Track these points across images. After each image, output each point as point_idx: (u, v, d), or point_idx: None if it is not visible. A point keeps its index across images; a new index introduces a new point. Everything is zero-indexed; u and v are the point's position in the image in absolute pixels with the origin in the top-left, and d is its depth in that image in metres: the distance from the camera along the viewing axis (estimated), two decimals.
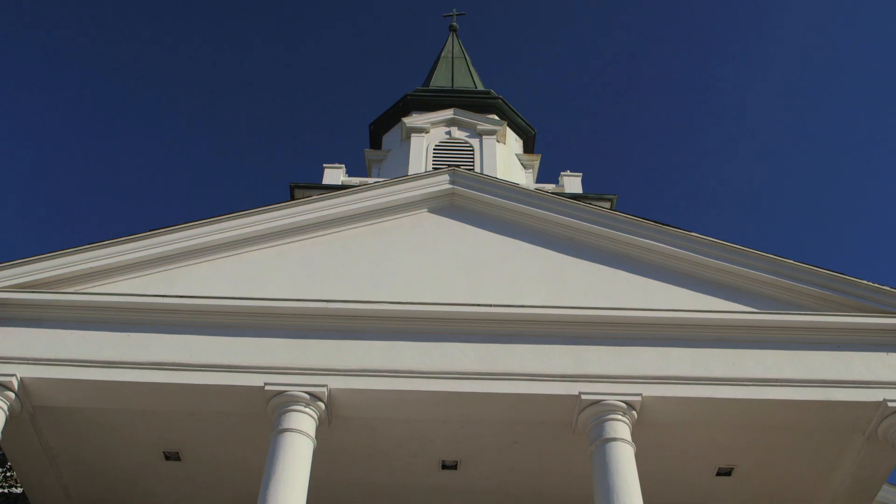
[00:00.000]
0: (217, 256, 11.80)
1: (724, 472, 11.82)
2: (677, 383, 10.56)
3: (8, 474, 13.34)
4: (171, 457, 11.75)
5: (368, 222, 12.41)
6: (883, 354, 10.93)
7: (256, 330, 10.86)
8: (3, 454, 13.15)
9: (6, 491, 13.38)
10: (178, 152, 51.16)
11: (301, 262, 11.82)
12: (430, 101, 21.11)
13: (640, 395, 10.45)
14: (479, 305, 11.00)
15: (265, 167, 52.85)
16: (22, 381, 10.39)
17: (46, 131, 47.07)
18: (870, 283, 11.39)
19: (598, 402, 10.40)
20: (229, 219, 11.92)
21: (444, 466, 11.73)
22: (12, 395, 10.35)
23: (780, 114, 50.97)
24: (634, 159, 52.39)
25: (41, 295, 10.95)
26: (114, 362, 10.51)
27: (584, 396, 10.42)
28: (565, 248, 12.11)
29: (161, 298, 10.97)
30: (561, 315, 11.00)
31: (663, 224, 11.98)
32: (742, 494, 12.21)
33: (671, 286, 11.67)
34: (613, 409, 10.36)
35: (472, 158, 19.39)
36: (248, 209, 12.02)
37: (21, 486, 12.79)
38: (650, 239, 11.93)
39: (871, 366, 10.79)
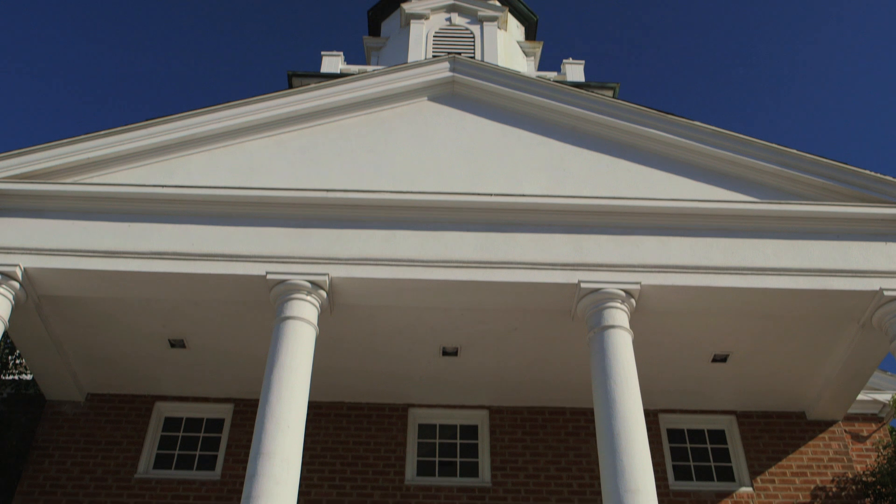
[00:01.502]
0: (215, 146, 11.71)
1: (720, 359, 12.05)
2: (676, 272, 10.64)
3: (17, 361, 13.60)
4: (177, 344, 11.97)
5: (367, 111, 12.26)
6: (881, 244, 10.96)
7: (257, 219, 10.88)
8: (12, 342, 13.36)
9: (16, 377, 13.66)
10: (176, 42, 50.13)
11: (300, 152, 11.74)
12: None
13: (639, 283, 10.54)
14: (479, 194, 10.97)
15: (263, 56, 51.88)
16: (26, 271, 10.48)
17: (42, 19, 46.03)
18: (872, 173, 11.32)
19: (597, 290, 10.50)
20: (227, 108, 11.77)
21: (445, 353, 11.95)
22: (17, 284, 10.46)
23: (786, 2, 49.66)
24: (637, 48, 51.32)
25: (41, 186, 10.92)
26: (115, 252, 10.57)
27: (583, 285, 10.51)
28: (567, 137, 12.00)
29: (160, 189, 10.94)
30: (561, 204, 10.98)
31: (666, 113, 11.83)
32: (736, 380, 12.49)
33: (672, 175, 11.62)
34: (612, 297, 10.48)
35: (473, 46, 19.04)
36: (246, 98, 11.86)
37: (31, 373, 13.06)
38: (652, 128, 11.81)
39: (870, 255, 10.85)
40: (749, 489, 12.26)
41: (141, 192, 10.91)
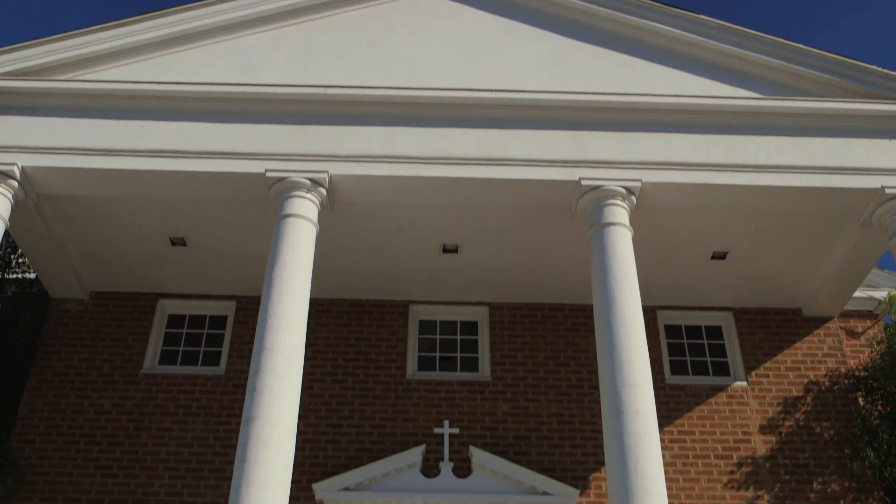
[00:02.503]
0: (211, 41, 11.48)
1: (719, 256, 12.11)
2: (677, 169, 10.59)
3: (20, 260, 13.68)
4: (178, 242, 12.02)
5: (365, 4, 11.96)
6: (885, 141, 10.88)
7: (255, 116, 10.77)
8: (14, 241, 13.41)
9: (20, 276, 13.76)
10: None
11: (297, 47, 11.52)
12: None
13: (640, 180, 10.50)
14: (478, 90, 10.82)
15: None
16: (23, 170, 10.44)
17: None
18: (878, 69, 11.14)
19: (597, 187, 10.48)
20: (223, 1, 11.49)
21: (445, 250, 12.01)
22: (15, 183, 10.43)
23: None
24: None
25: (35, 83, 10.76)
26: (112, 150, 10.50)
27: (583, 182, 10.48)
28: (568, 31, 11.75)
29: (156, 85, 10.78)
30: (562, 100, 10.84)
31: (670, 6, 11.55)
32: (735, 277, 12.59)
33: (675, 71, 11.43)
34: (613, 194, 10.46)
35: None
36: None
37: (34, 272, 13.16)
38: (656, 21, 11.55)
39: (873, 153, 10.78)
40: (744, 383, 12.51)
41: (136, 89, 10.76)
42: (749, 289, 12.88)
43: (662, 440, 11.92)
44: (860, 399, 12.62)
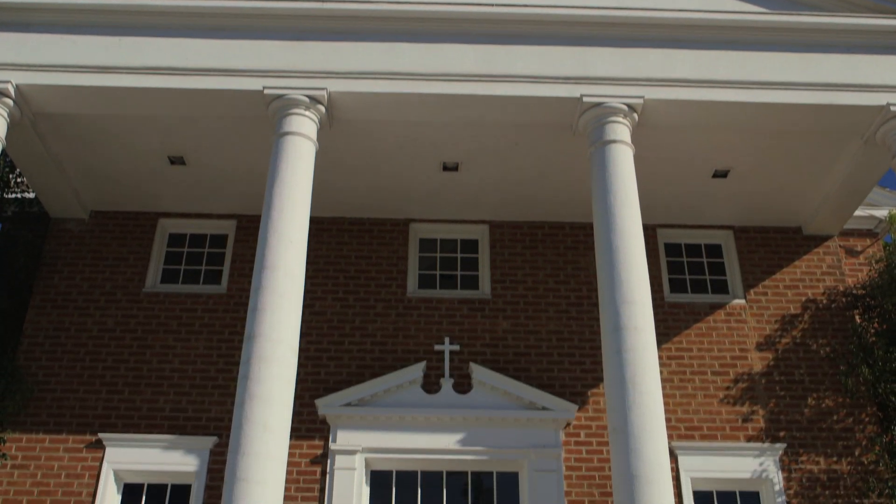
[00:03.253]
0: None
1: (720, 174, 12.06)
2: (680, 86, 10.46)
3: (19, 180, 13.62)
4: (176, 161, 11.95)
5: None
6: (892, 58, 10.74)
7: (252, 32, 10.59)
8: (12, 161, 13.32)
9: (20, 196, 13.72)
10: None
11: None
12: None
13: (643, 97, 10.38)
14: (479, 4, 10.60)
15: None
16: (18, 88, 10.33)
17: None
18: None
19: (599, 104, 10.37)
20: None
21: (445, 168, 11.95)
22: (10, 101, 10.32)
23: None
24: None
25: None
26: (107, 67, 10.36)
27: (585, 99, 10.36)
28: None
29: (149, 0, 10.57)
30: (564, 15, 10.64)
31: None
32: (736, 195, 12.56)
33: None
34: (615, 111, 10.35)
35: None
36: None
37: (34, 192, 13.12)
38: None
39: (878, 69, 10.64)
40: (742, 301, 12.60)
41: (131, 4, 10.55)
42: (749, 207, 12.87)
43: (660, 357, 12.08)
44: (857, 317, 12.74)
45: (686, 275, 12.97)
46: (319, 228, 12.97)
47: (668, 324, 12.38)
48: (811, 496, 11.31)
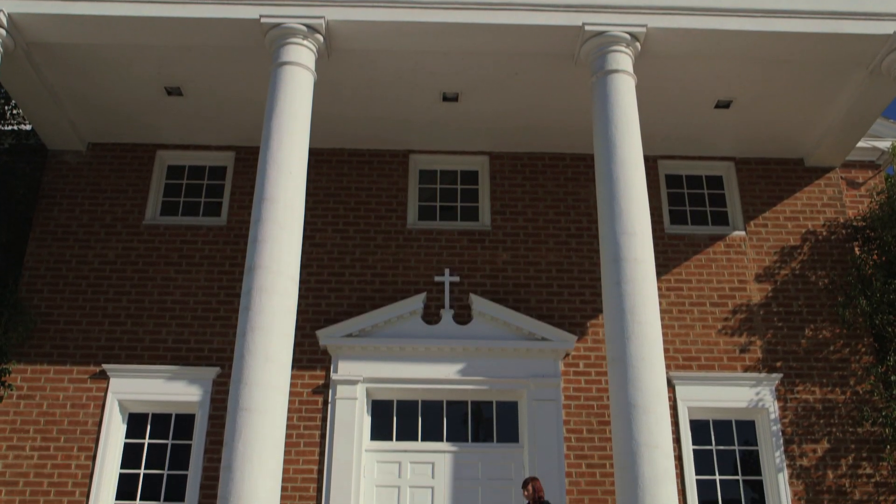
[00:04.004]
0: None
1: (723, 105, 11.95)
2: (684, 14, 10.28)
3: (15, 112, 13.50)
4: (173, 92, 11.82)
5: None
6: None
7: None
8: (7, 92, 13.18)
9: (16, 128, 13.61)
10: None
11: None
12: None
13: (645, 26, 10.22)
14: None
15: None
16: (11, 17, 10.16)
17: None
18: None
19: (601, 33, 10.21)
20: None
21: (445, 98, 11.83)
22: (3, 31, 10.17)
23: None
24: None
25: None
26: None
27: (587, 27, 10.20)
28: None
29: None
30: None
31: None
32: (738, 126, 12.46)
33: None
34: (616, 40, 10.20)
35: None
36: None
37: (30, 123, 13.01)
38: None
39: None
40: (742, 233, 12.60)
41: None
42: (752, 138, 12.78)
43: (659, 288, 12.13)
44: (856, 249, 12.75)
45: (686, 206, 12.95)
46: (319, 160, 12.91)
47: (668, 255, 12.41)
48: (806, 425, 11.48)
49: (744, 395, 11.59)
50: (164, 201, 12.82)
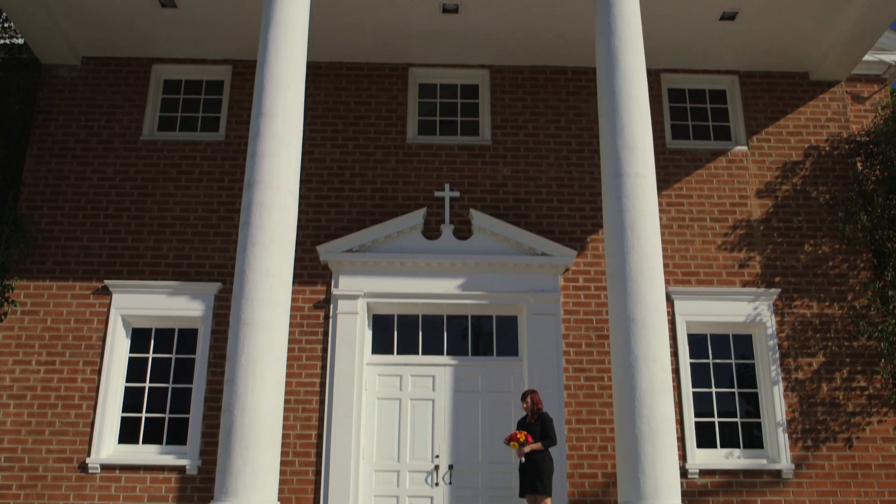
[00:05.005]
0: None
1: (728, 17, 11.72)
2: None
3: (6, 25, 13.24)
4: (167, 4, 11.58)
5: None
6: None
7: None
8: None
9: (8, 42, 13.38)
10: None
11: None
12: None
13: None
14: None
15: None
16: None
17: None
18: None
19: None
20: None
21: (445, 10, 11.60)
22: None
23: None
24: None
25: None
26: None
27: None
28: None
29: None
30: None
31: None
32: (743, 39, 12.24)
33: None
34: None
35: None
36: None
37: (22, 37, 12.78)
38: None
39: None
40: (744, 148, 12.51)
41: None
42: (756, 51, 12.56)
43: (660, 204, 12.11)
44: (859, 164, 12.68)
45: (689, 121, 12.83)
46: (317, 74, 12.73)
47: (669, 170, 12.34)
48: (802, 339, 11.60)
49: (742, 309, 11.68)
50: (162, 116, 12.70)
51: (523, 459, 9.39)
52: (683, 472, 10.91)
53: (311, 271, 11.73)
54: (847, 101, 13.27)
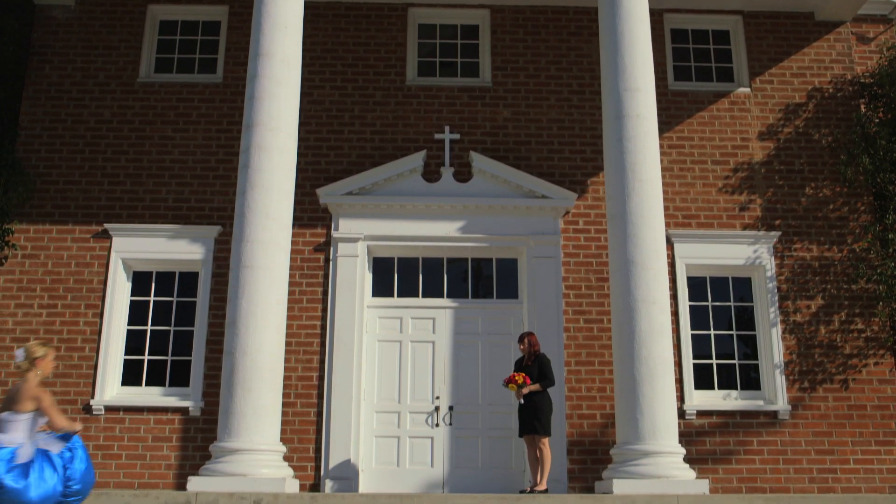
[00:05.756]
0: None
1: None
2: None
3: None
4: None
5: None
6: None
7: None
8: None
9: None
10: None
11: None
12: None
13: None
14: None
15: None
16: None
17: None
18: None
19: None
20: None
21: None
22: None
23: None
24: None
25: None
26: None
27: None
28: None
29: None
30: None
31: None
32: None
33: None
34: None
35: None
36: None
37: None
38: None
39: None
40: (747, 90, 12.39)
41: None
42: None
43: (661, 146, 12.03)
44: (862, 106, 12.57)
45: (691, 62, 12.68)
46: (315, 14, 12.54)
47: (671, 112, 12.24)
48: (801, 282, 11.63)
49: (742, 252, 11.69)
50: (158, 58, 12.54)
51: (522, 401, 9.50)
52: (681, 413, 11.03)
53: (311, 214, 11.71)
54: (852, 41, 13.09)
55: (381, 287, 11.73)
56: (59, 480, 6.32)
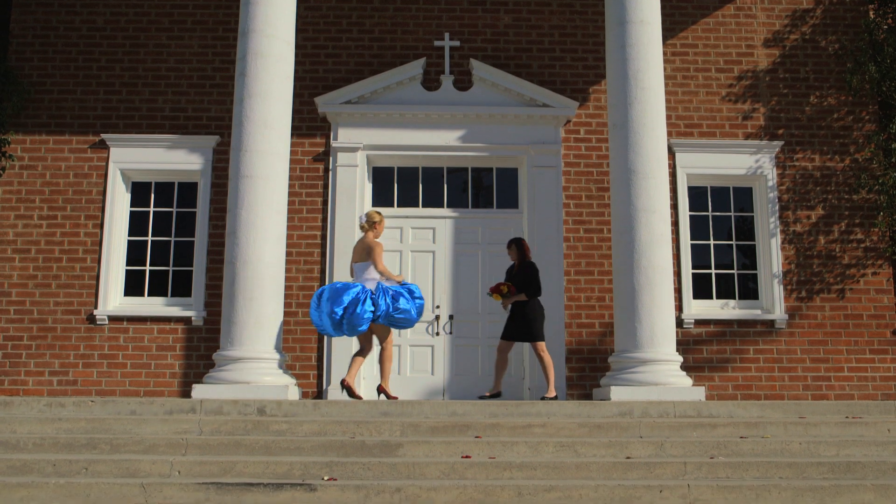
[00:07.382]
0: None
1: None
2: None
3: None
4: None
5: None
6: None
7: None
8: None
9: None
10: None
11: None
12: None
13: None
14: None
15: None
16: None
17: None
18: None
19: None
20: None
21: None
22: None
23: None
24: None
25: None
26: None
27: None
28: None
29: None
30: None
31: None
32: None
33: None
34: None
35: None
36: None
37: None
38: None
39: None
40: None
41: None
42: None
43: (664, 53, 11.82)
44: (871, 12, 12.30)
45: None
46: None
47: (675, 18, 12.00)
48: (802, 192, 11.60)
49: (743, 162, 11.62)
50: None
51: (507, 310, 9.54)
52: (679, 322, 11.14)
53: (309, 123, 11.60)
54: None
55: (381, 197, 11.70)
56: (414, 308, 8.75)
